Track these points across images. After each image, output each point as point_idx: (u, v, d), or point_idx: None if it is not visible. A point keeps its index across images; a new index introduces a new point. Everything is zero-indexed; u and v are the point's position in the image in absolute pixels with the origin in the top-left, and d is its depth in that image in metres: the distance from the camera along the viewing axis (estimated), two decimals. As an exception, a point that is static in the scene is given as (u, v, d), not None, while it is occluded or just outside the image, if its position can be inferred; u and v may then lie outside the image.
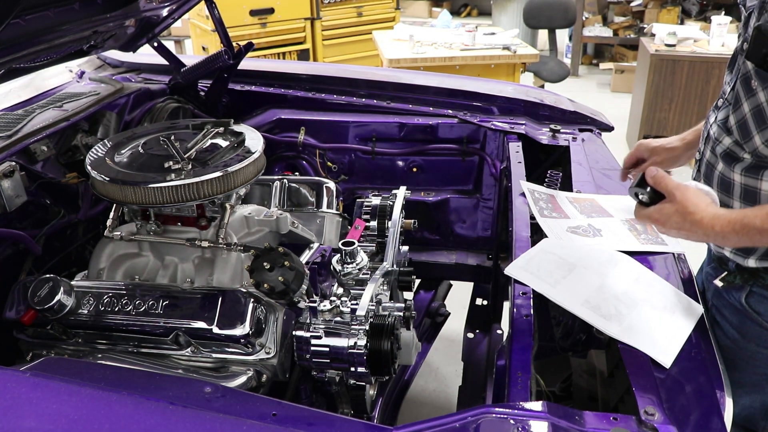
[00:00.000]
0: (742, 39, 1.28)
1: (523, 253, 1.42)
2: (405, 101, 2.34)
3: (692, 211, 1.18)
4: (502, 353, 1.34)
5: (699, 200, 1.19)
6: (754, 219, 1.14)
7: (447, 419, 0.94)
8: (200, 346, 1.36)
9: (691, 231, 1.20)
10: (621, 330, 1.19)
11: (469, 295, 2.46)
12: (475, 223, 2.37)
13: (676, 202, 1.19)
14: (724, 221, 1.16)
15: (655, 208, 1.23)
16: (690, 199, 1.19)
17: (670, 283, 1.35)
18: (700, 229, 1.18)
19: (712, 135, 1.35)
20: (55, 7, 1.64)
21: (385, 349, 1.27)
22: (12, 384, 1.00)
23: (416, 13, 10.55)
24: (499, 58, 4.29)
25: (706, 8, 7.59)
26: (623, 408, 1.21)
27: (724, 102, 1.33)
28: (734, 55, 1.32)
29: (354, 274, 1.48)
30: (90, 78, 2.27)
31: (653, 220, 1.24)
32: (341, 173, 2.36)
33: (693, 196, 1.19)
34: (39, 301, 1.33)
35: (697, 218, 1.17)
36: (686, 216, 1.18)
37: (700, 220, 1.17)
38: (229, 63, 2.19)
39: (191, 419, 0.94)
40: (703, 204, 1.19)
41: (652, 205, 1.24)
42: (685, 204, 1.19)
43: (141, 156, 1.58)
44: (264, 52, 5.26)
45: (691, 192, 1.20)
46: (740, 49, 1.28)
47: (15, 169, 1.60)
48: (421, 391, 2.83)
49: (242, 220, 1.65)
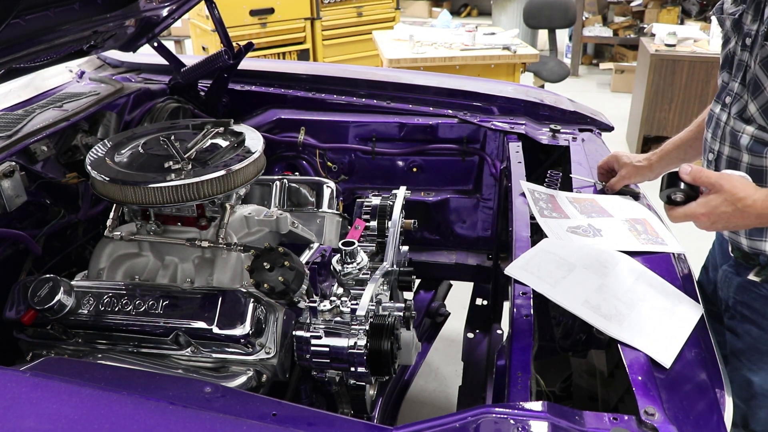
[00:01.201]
0: (739, 36, 1.34)
1: (523, 253, 1.42)
2: (405, 101, 2.34)
3: (743, 197, 1.15)
4: (502, 353, 1.34)
5: (745, 185, 1.17)
6: None
7: (447, 419, 0.94)
8: (200, 346, 1.35)
9: (743, 218, 1.17)
10: (621, 330, 1.19)
11: (469, 295, 2.46)
12: (475, 223, 2.37)
13: (724, 191, 1.16)
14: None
15: (700, 203, 1.19)
16: (737, 186, 1.16)
17: (670, 283, 1.35)
18: (753, 213, 1.16)
19: (728, 130, 1.37)
20: (55, 7, 1.64)
21: (385, 349, 1.27)
22: (12, 384, 1.00)
23: (416, 13, 10.55)
24: (499, 58, 4.29)
25: (706, 8, 7.59)
26: (623, 408, 1.21)
27: (735, 97, 1.35)
28: (728, 57, 1.39)
29: (354, 274, 1.48)
30: (90, 78, 2.27)
31: (699, 216, 1.20)
32: (341, 173, 2.36)
33: (738, 182, 1.17)
34: (39, 301, 1.33)
35: (749, 202, 1.15)
36: (737, 203, 1.16)
37: (752, 204, 1.15)
38: (229, 63, 2.19)
39: (191, 419, 0.94)
40: (751, 188, 1.17)
41: (689, 203, 1.21)
42: (734, 191, 1.16)
43: (141, 156, 1.58)
44: (264, 52, 5.26)
45: (736, 179, 1.18)
46: (746, 43, 1.32)
47: (15, 169, 1.60)
48: (421, 391, 2.82)
49: (242, 220, 1.65)
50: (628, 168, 1.68)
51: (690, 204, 1.20)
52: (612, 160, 1.74)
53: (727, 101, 1.38)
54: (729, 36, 1.40)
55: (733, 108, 1.36)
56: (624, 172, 1.68)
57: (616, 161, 1.72)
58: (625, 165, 1.69)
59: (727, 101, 1.39)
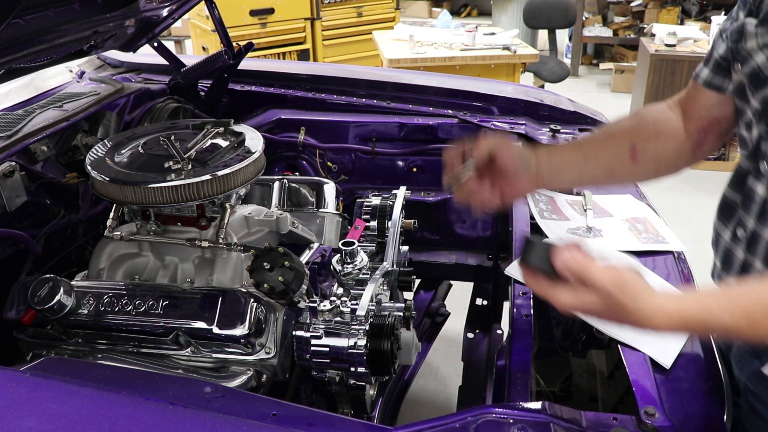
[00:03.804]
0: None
1: (523, 253, 1.42)
2: (405, 101, 2.34)
3: (629, 309, 0.85)
4: (502, 353, 1.34)
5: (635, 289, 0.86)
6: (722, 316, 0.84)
7: (447, 419, 0.94)
8: (200, 346, 1.35)
9: (622, 323, 0.88)
10: (621, 330, 1.19)
11: (469, 295, 2.46)
12: (475, 223, 2.36)
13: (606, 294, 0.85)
14: (674, 315, 0.85)
15: (572, 296, 0.87)
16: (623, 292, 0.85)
17: (671, 283, 1.35)
18: (634, 324, 0.87)
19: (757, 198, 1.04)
20: (55, 7, 1.64)
21: (385, 349, 1.27)
22: (12, 384, 0.99)
23: (416, 13, 10.55)
24: (499, 58, 4.29)
25: (706, 8, 7.59)
26: (623, 408, 1.21)
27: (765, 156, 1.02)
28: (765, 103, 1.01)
29: (354, 274, 1.48)
30: (90, 78, 2.27)
31: (568, 306, 0.88)
32: (341, 173, 2.36)
33: (628, 284, 0.86)
34: (39, 301, 1.33)
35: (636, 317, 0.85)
36: (617, 311, 0.86)
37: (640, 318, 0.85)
38: (229, 63, 2.19)
39: (191, 419, 0.94)
40: (642, 293, 0.86)
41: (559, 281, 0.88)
42: (618, 298, 0.85)
43: (141, 156, 1.58)
44: (264, 52, 5.26)
45: (627, 279, 0.86)
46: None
47: (15, 169, 1.60)
48: (421, 391, 2.83)
49: (242, 220, 1.65)
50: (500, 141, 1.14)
51: (558, 286, 0.88)
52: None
53: (763, 170, 1.02)
54: (759, 77, 1.00)
55: (755, 131, 1.03)
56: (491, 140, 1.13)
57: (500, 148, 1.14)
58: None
59: (763, 170, 1.02)
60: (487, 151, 1.08)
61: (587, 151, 1.19)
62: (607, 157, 1.18)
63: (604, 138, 1.23)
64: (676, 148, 1.20)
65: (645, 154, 1.18)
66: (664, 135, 1.19)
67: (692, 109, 1.21)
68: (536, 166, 1.14)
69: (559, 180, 1.18)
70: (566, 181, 1.21)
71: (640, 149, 1.17)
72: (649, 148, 1.18)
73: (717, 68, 1.16)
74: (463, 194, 1.11)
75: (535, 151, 1.15)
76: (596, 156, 1.18)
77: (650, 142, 1.18)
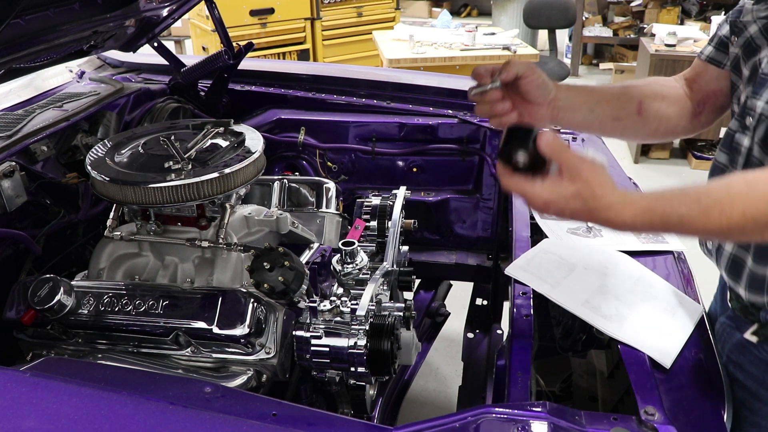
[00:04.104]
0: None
1: (523, 253, 1.42)
2: (405, 101, 2.34)
3: (599, 195, 0.90)
4: (502, 353, 1.34)
5: (606, 181, 0.92)
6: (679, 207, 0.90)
7: (447, 419, 0.94)
8: (200, 346, 1.35)
9: (591, 219, 0.94)
10: (621, 330, 1.19)
11: (469, 295, 2.46)
12: (475, 223, 2.37)
13: (581, 180, 0.91)
14: (640, 208, 0.91)
15: (547, 187, 0.93)
16: (598, 179, 0.91)
17: (671, 283, 1.35)
18: (603, 218, 0.92)
19: (753, 160, 1.12)
20: (55, 7, 1.64)
21: (385, 349, 1.27)
22: (12, 384, 0.99)
23: (416, 13, 10.54)
24: (499, 58, 4.29)
25: (706, 8, 7.59)
26: (623, 408, 1.21)
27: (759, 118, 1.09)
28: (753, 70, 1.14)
29: (354, 274, 1.48)
30: (90, 78, 2.27)
31: (540, 201, 0.94)
32: (341, 173, 2.36)
33: (601, 175, 0.92)
34: (39, 301, 1.33)
35: (604, 204, 0.91)
36: (590, 201, 0.91)
37: (607, 208, 0.91)
38: (229, 63, 2.19)
39: (191, 419, 0.94)
40: (609, 187, 0.92)
41: (532, 173, 0.95)
42: (592, 186, 0.91)
43: (141, 156, 1.58)
44: (264, 52, 5.26)
45: (599, 170, 0.93)
46: None
47: (15, 169, 1.60)
48: (421, 391, 2.83)
49: (242, 220, 1.65)
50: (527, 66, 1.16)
51: (534, 181, 0.94)
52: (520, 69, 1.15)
53: (749, 123, 1.12)
54: (752, 46, 1.14)
55: (758, 132, 1.09)
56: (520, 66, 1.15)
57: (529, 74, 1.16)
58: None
59: (748, 123, 1.12)
60: (515, 74, 1.12)
61: (600, 97, 1.27)
62: (616, 106, 1.28)
63: (617, 90, 1.33)
64: (678, 113, 1.32)
65: (650, 110, 1.29)
66: (669, 98, 1.32)
67: (695, 82, 1.34)
68: (555, 96, 1.19)
69: (572, 117, 1.24)
70: (577, 120, 1.27)
71: (646, 105, 1.29)
72: (654, 106, 1.30)
73: (719, 45, 1.29)
74: (485, 105, 1.15)
75: (556, 85, 1.21)
76: (607, 102, 1.27)
77: (656, 102, 1.30)
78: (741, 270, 1.15)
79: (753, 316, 1.17)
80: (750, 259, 1.13)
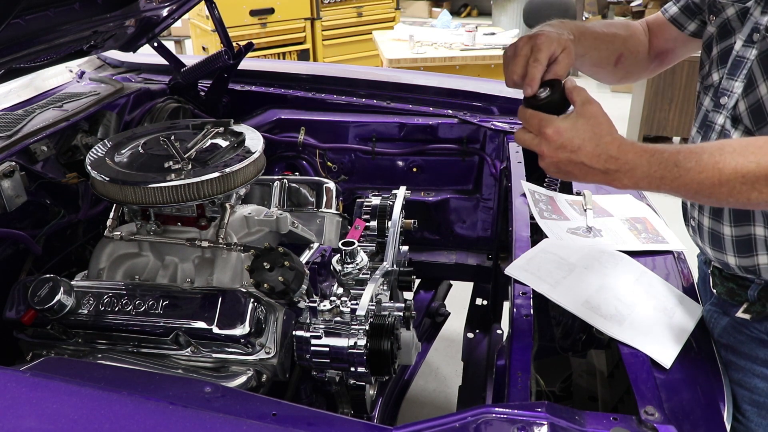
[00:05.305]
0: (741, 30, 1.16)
1: (523, 253, 1.42)
2: (405, 101, 2.34)
3: (608, 133, 0.97)
4: (502, 353, 1.34)
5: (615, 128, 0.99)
6: (677, 154, 0.97)
7: (447, 419, 0.94)
8: (200, 346, 1.36)
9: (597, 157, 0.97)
10: (621, 330, 1.19)
11: (469, 295, 2.46)
12: (475, 223, 2.37)
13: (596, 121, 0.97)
14: (640, 149, 0.98)
15: (567, 122, 0.97)
16: (609, 122, 0.98)
17: (671, 283, 1.35)
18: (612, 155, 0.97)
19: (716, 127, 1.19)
20: (55, 7, 1.64)
21: (385, 349, 1.27)
22: (12, 384, 1.00)
23: (416, 13, 10.55)
24: (499, 58, 4.29)
25: (706, 8, 7.60)
26: (623, 408, 1.21)
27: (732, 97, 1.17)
28: (724, 52, 1.20)
29: (354, 274, 1.48)
30: (90, 78, 2.27)
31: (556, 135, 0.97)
32: (341, 173, 2.36)
33: (611, 122, 0.99)
34: (39, 301, 1.33)
35: (615, 144, 0.97)
36: (601, 138, 0.96)
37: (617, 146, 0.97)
38: (229, 63, 2.19)
39: (191, 419, 0.94)
40: (617, 131, 0.99)
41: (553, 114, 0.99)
42: (608, 125, 0.97)
43: (141, 156, 1.58)
44: (264, 52, 5.27)
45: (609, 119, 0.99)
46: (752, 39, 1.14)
47: (15, 169, 1.60)
48: (421, 391, 2.83)
49: (242, 220, 1.65)
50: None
51: (552, 115, 0.99)
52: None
53: (723, 102, 1.18)
54: (727, 28, 1.20)
55: (737, 110, 1.17)
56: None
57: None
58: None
59: (723, 102, 1.19)
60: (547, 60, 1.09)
61: (592, 43, 1.33)
62: (602, 55, 1.35)
63: (607, 38, 1.37)
64: (640, 65, 1.44)
65: (625, 63, 1.39)
66: (639, 54, 1.42)
67: (654, 36, 1.43)
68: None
69: None
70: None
71: (624, 59, 1.38)
72: (629, 60, 1.39)
73: (685, 9, 1.36)
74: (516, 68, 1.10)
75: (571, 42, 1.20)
76: (595, 49, 1.33)
77: (630, 57, 1.40)
78: (721, 239, 1.21)
79: (740, 297, 1.22)
80: (726, 227, 1.19)
